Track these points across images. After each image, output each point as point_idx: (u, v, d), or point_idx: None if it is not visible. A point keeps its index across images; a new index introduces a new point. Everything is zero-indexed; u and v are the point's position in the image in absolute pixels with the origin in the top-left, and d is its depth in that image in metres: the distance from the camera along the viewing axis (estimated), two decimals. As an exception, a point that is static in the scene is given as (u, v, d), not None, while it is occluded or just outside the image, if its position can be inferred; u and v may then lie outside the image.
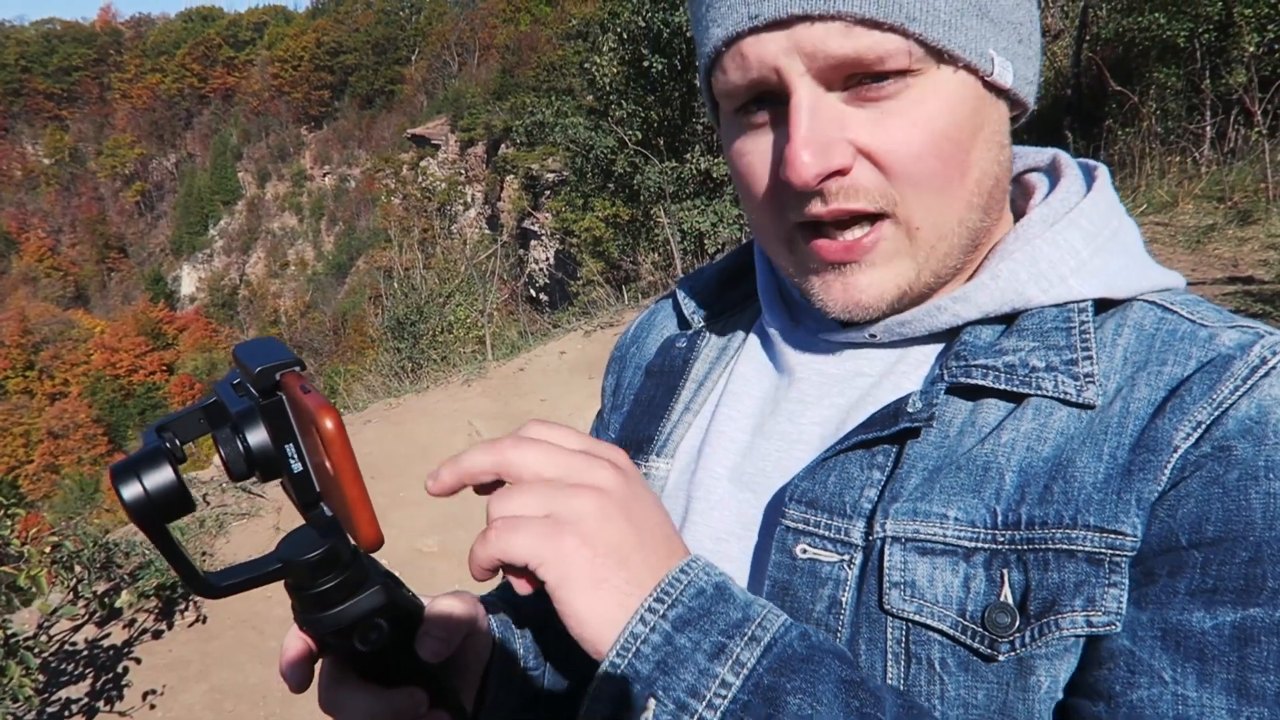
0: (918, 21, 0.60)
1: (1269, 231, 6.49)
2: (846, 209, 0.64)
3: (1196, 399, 0.59)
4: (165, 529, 0.54)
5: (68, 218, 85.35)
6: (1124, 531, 0.58)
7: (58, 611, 4.08)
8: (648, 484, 0.67)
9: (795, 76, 0.62)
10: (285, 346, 0.58)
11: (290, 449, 0.57)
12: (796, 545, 0.67)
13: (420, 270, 12.81)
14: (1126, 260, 0.70)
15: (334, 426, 0.51)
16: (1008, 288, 0.68)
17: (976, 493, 0.62)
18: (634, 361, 0.96)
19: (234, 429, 0.56)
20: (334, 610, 0.58)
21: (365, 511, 0.53)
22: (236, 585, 0.58)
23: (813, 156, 0.61)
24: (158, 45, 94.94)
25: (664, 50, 11.80)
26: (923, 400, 0.65)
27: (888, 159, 0.63)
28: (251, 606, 4.90)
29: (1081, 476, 0.60)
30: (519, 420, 5.99)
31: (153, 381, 63.69)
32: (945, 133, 0.63)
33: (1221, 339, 0.62)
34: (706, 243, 10.81)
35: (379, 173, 61.70)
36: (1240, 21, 8.04)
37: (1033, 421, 0.63)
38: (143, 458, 0.53)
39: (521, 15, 53.22)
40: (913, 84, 0.62)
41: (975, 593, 0.60)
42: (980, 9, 0.63)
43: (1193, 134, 8.74)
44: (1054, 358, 0.64)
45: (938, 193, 0.65)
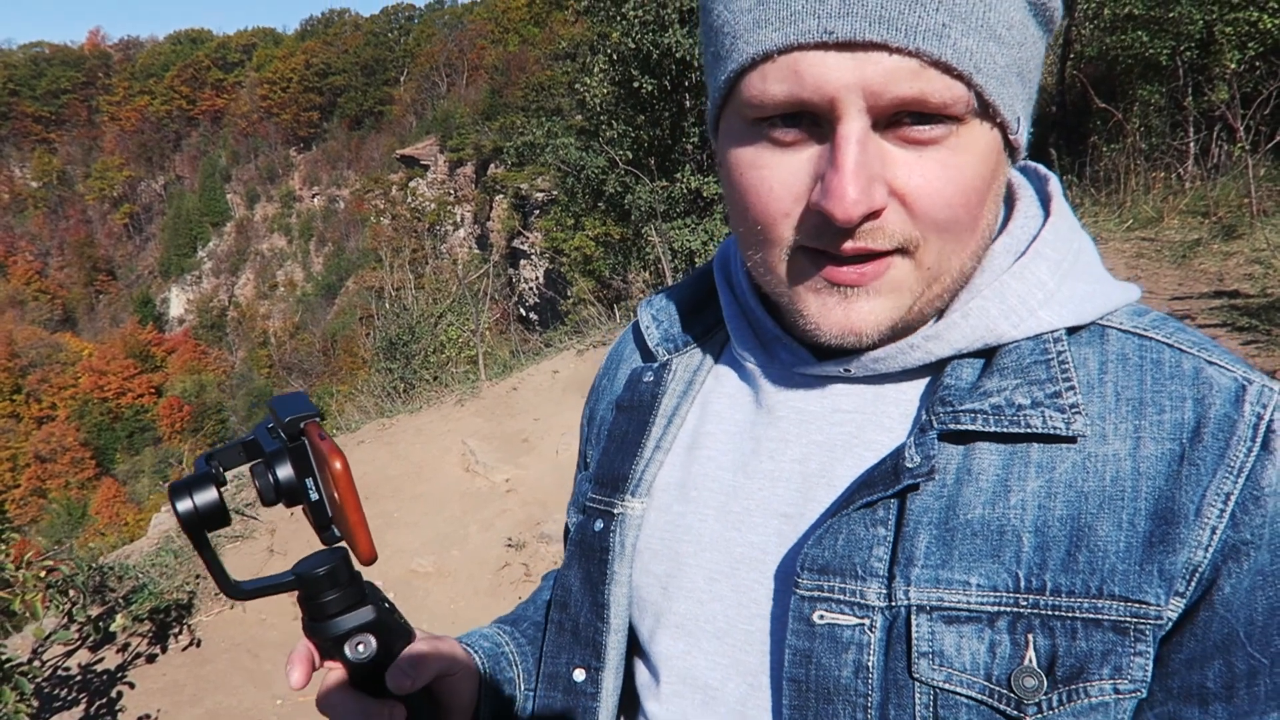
0: (983, 74, 0.60)
1: (1253, 246, 6.56)
2: (869, 249, 0.64)
3: (1211, 467, 0.62)
4: (206, 538, 0.69)
5: (55, 240, 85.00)
6: (1148, 601, 0.61)
7: (51, 636, 4.05)
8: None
9: (850, 109, 0.60)
10: (309, 400, 0.74)
11: (310, 482, 0.72)
12: (814, 612, 0.67)
13: (411, 290, 12.81)
14: (1091, 285, 0.71)
15: (341, 467, 0.66)
16: (979, 324, 0.69)
17: (995, 557, 0.63)
18: (606, 395, 0.96)
19: (266, 465, 0.71)
20: (332, 620, 0.72)
21: (364, 533, 0.68)
22: (258, 591, 0.73)
23: (859, 194, 0.60)
24: (146, 68, 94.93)
25: (654, 71, 11.88)
26: (920, 454, 0.65)
27: (920, 204, 0.62)
28: (246, 630, 4.87)
29: (1105, 545, 0.62)
30: (513, 440, 5.97)
31: (141, 404, 63.29)
32: (973, 184, 0.63)
33: (1206, 376, 0.65)
34: (697, 261, 10.84)
35: (368, 193, 61.70)
36: (1221, 39, 8.16)
37: (1038, 480, 0.64)
38: (195, 480, 0.69)
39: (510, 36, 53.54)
40: (956, 132, 0.62)
41: (1000, 657, 0.62)
42: (1020, 70, 0.64)
43: (1177, 150, 8.84)
44: (1038, 392, 0.65)
45: (955, 240, 0.65)
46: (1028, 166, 0.80)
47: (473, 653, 0.90)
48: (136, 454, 59.58)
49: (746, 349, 0.81)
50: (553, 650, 0.87)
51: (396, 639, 0.76)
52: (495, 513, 5.72)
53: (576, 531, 0.87)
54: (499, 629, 0.99)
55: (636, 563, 0.82)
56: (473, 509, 5.81)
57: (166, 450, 56.30)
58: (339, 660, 0.74)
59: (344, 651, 0.72)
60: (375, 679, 0.74)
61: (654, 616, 0.80)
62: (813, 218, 0.63)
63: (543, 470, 6.10)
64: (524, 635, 0.99)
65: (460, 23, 71.22)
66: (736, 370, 0.84)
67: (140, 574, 5.10)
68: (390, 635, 0.75)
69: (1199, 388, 0.64)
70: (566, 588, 0.86)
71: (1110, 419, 0.65)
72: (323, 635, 0.73)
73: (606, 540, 0.83)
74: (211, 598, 5.07)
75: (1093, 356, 0.68)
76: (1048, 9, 0.65)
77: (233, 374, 68.34)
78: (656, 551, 0.81)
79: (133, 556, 5.61)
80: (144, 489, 47.54)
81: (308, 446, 0.71)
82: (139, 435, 61.76)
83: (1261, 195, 7.29)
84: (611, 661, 0.82)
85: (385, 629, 0.74)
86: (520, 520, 5.56)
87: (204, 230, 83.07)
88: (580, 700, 0.83)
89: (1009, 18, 0.61)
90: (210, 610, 5.00)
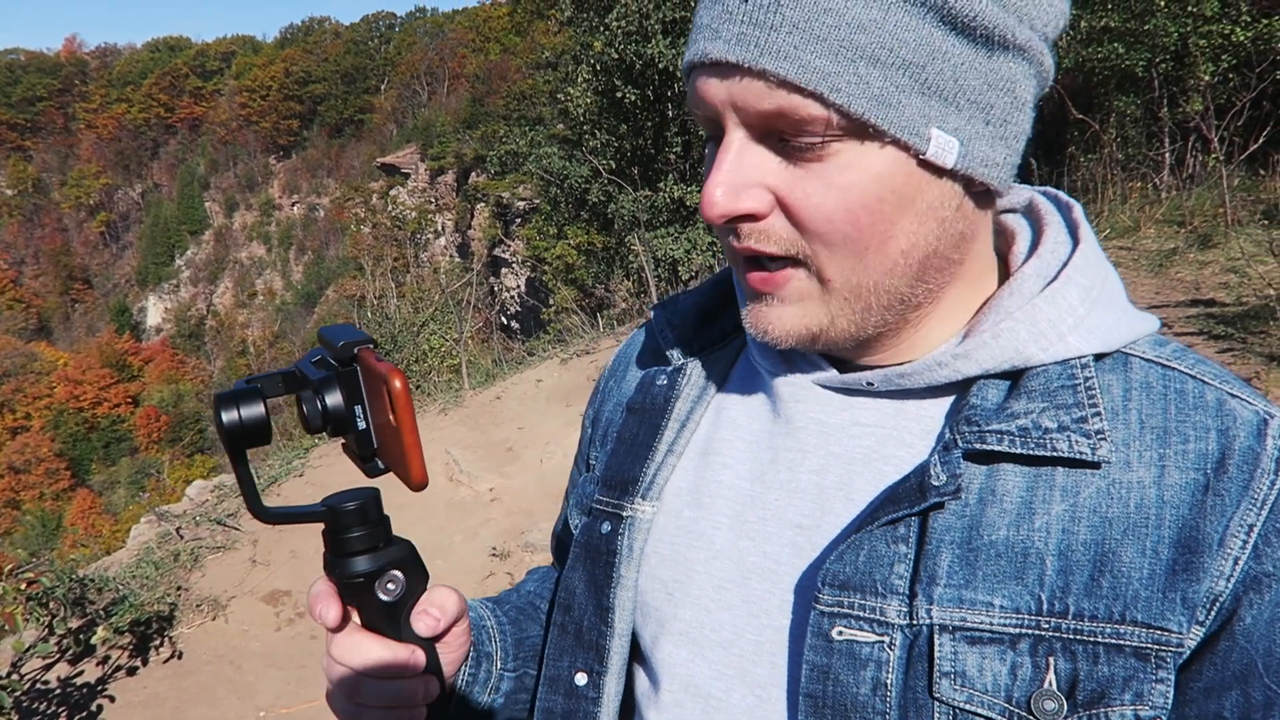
0: (841, 93, 0.60)
1: (1228, 255, 6.66)
2: (756, 249, 0.67)
3: (1235, 499, 0.63)
4: (245, 454, 0.67)
5: (30, 249, 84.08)
6: (1170, 629, 0.61)
7: (31, 649, 4.01)
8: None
9: (729, 122, 0.65)
10: (360, 330, 0.71)
11: (358, 410, 0.70)
12: (833, 628, 0.67)
13: (393, 299, 12.76)
14: (1117, 313, 0.72)
15: (401, 386, 0.64)
16: (1008, 346, 0.69)
17: (1019, 579, 0.64)
18: (614, 396, 0.96)
19: (315, 391, 0.69)
20: (362, 556, 0.71)
21: (418, 456, 0.65)
22: (285, 517, 0.70)
23: (723, 197, 0.65)
24: (124, 75, 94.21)
25: (637, 81, 11.93)
26: (946, 472, 0.66)
27: (800, 215, 0.65)
28: (228, 642, 4.83)
29: (1128, 572, 0.63)
30: (497, 449, 5.94)
31: (118, 414, 62.59)
32: (862, 202, 0.63)
33: (1229, 408, 0.66)
34: (681, 270, 10.88)
35: (348, 202, 61.38)
36: (1195, 52, 8.28)
37: (1062, 504, 0.65)
38: (242, 393, 0.66)
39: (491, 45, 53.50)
40: (837, 150, 0.62)
41: (1021, 679, 0.63)
42: (924, 86, 0.62)
43: (1153, 160, 8.96)
44: (1064, 417, 0.66)
45: (851, 255, 0.65)
46: (1048, 192, 0.81)
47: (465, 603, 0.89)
48: (113, 464, 58.88)
49: (765, 357, 0.81)
50: (555, 653, 0.86)
51: (418, 580, 0.75)
52: (479, 522, 5.71)
53: (582, 533, 0.86)
54: (482, 603, 0.98)
55: (644, 567, 0.82)
56: (457, 519, 5.79)
57: (143, 460, 55.69)
58: (356, 603, 0.73)
59: (373, 590, 0.71)
60: (395, 621, 0.74)
61: (657, 623, 0.80)
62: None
63: (527, 479, 6.09)
64: (505, 615, 0.98)
65: (441, 31, 71.16)
66: (753, 378, 0.84)
67: (120, 586, 5.04)
68: (415, 575, 0.74)
69: (1223, 419, 0.65)
70: (570, 590, 0.86)
71: (1135, 446, 0.66)
72: (350, 571, 0.71)
73: (614, 543, 0.82)
74: (193, 610, 5.03)
75: (1117, 383, 0.69)
76: (975, 28, 0.61)
77: (211, 383, 67.65)
78: (665, 557, 0.81)
79: (112, 568, 5.54)
80: (120, 500, 47.00)
81: (359, 374, 0.69)
82: (115, 445, 61.06)
83: (1236, 205, 7.40)
84: (614, 666, 0.82)
85: (413, 568, 0.74)
86: (505, 529, 5.55)
87: (182, 239, 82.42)
88: (581, 704, 0.83)
89: (896, 38, 0.60)
90: (192, 622, 4.95)
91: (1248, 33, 7.99)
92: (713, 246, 10.87)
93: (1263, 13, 8.07)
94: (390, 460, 0.69)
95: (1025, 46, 0.64)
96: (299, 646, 4.74)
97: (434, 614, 0.75)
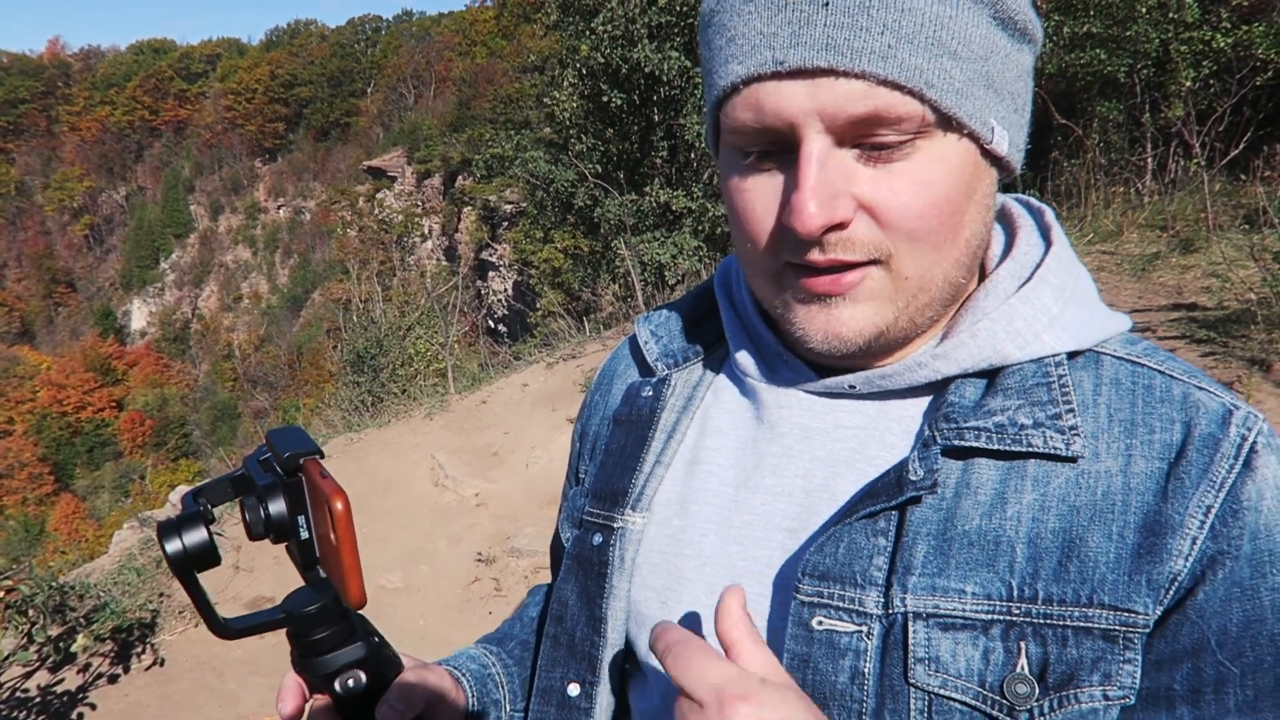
0: (935, 88, 0.62)
1: (1210, 259, 6.70)
2: (841, 260, 0.67)
3: (1195, 481, 0.65)
4: (195, 577, 0.67)
5: (13, 252, 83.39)
6: (1136, 610, 0.64)
7: (10, 657, 3.97)
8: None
9: (809, 131, 0.64)
10: (309, 436, 0.73)
11: (301, 520, 0.71)
12: (813, 618, 0.68)
13: (379, 302, 12.72)
14: (1090, 312, 0.74)
15: (342, 508, 0.65)
16: (986, 345, 0.71)
17: (990, 566, 0.66)
18: (600, 410, 0.96)
19: (259, 498, 0.70)
20: (323, 657, 0.72)
21: (356, 576, 0.67)
22: (247, 629, 0.70)
23: (819, 208, 0.63)
24: (107, 78, 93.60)
25: (623, 86, 11.93)
26: (924, 468, 0.68)
27: (888, 215, 0.65)
28: (210, 649, 4.80)
29: (1095, 556, 0.65)
30: (482, 453, 5.93)
31: (101, 418, 62.12)
32: (946, 195, 0.65)
33: (1195, 399, 0.68)
34: (667, 274, 10.89)
35: (334, 205, 61.22)
36: (1177, 58, 8.34)
37: (1033, 493, 0.67)
38: (184, 519, 0.67)
39: (477, 49, 53.46)
40: (920, 147, 0.64)
41: (994, 664, 0.64)
42: (987, 79, 0.66)
43: (1135, 165, 9.02)
44: (1039, 414, 0.68)
45: (932, 249, 0.67)
46: (1020, 198, 0.83)
47: (460, 676, 0.90)
48: (97, 469, 58.44)
49: (748, 364, 0.83)
50: (547, 664, 0.87)
51: (386, 671, 0.76)
52: (464, 527, 5.69)
53: (574, 545, 0.87)
54: (485, 649, 0.99)
55: (635, 577, 0.83)
56: (442, 524, 5.77)
57: (128, 465, 55.32)
58: (327, 694, 0.74)
59: (333, 687, 0.72)
60: (364, 712, 0.75)
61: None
62: (787, 235, 0.67)
63: (513, 484, 6.08)
64: (510, 655, 1.00)
65: (427, 35, 71.08)
66: (737, 385, 0.85)
67: (102, 592, 5.00)
68: (379, 669, 0.75)
69: (1188, 410, 0.68)
70: (563, 601, 0.87)
71: (1103, 438, 0.68)
72: (312, 670, 0.72)
73: (606, 554, 0.83)
74: (175, 616, 4.99)
75: (1088, 379, 0.71)
76: (1015, 22, 0.67)
77: (196, 387, 67.31)
78: (656, 566, 0.81)
79: (94, 575, 5.50)
80: (104, 505, 46.66)
81: (304, 483, 0.70)
82: (99, 450, 60.59)
83: (1217, 210, 7.45)
84: (606, 677, 0.83)
85: (375, 664, 0.74)
86: (490, 535, 5.54)
87: (166, 242, 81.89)
88: (574, 715, 0.84)
89: (966, 34, 0.63)
90: (174, 629, 4.92)
91: (1228, 39, 8.06)
92: (699, 251, 10.89)
93: (1242, 19, 8.14)
94: (330, 573, 0.70)
95: (1037, 40, 0.70)
96: (282, 654, 4.70)
97: (396, 708, 0.75)
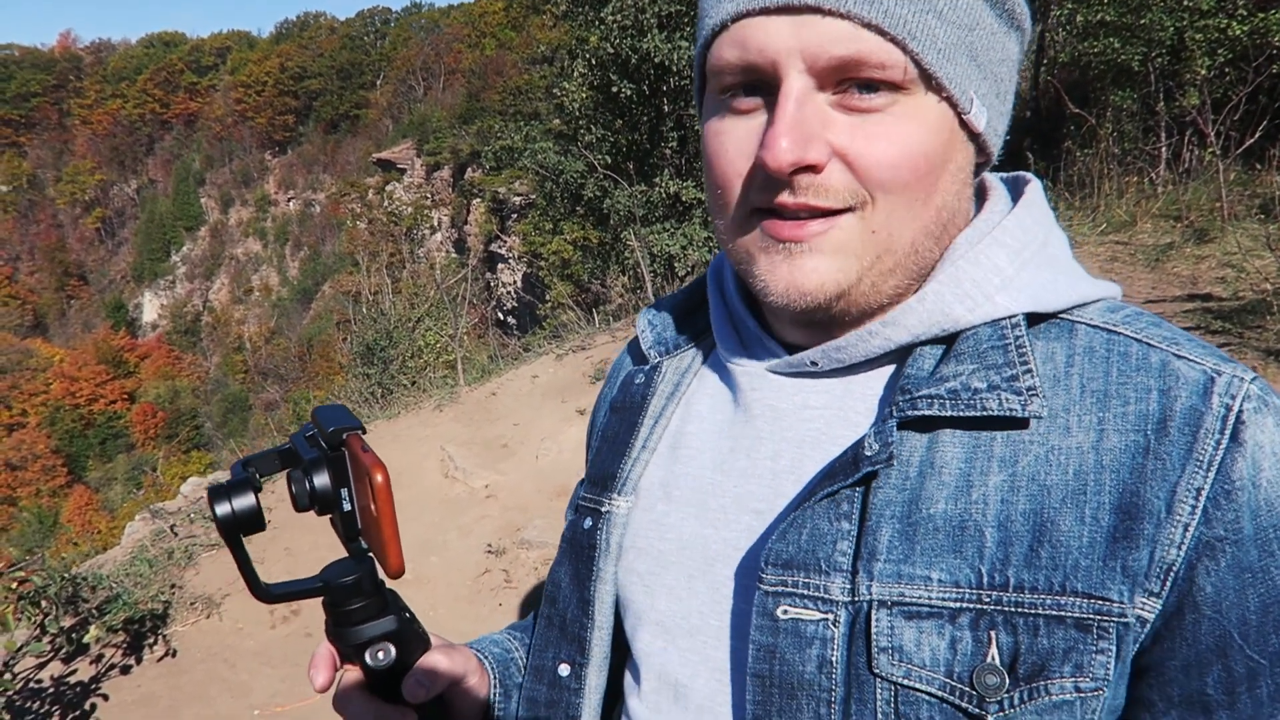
0: (919, 41, 0.63)
1: (1224, 250, 6.65)
2: (812, 204, 0.66)
3: (1179, 461, 0.61)
4: (241, 541, 0.70)
5: (26, 245, 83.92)
6: (1110, 598, 0.60)
7: (23, 649, 3.99)
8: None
9: (791, 70, 0.64)
10: (351, 413, 0.75)
11: (344, 492, 0.73)
12: (778, 607, 0.67)
13: (389, 295, 12.73)
14: (1054, 274, 0.71)
15: (382, 480, 0.67)
16: (934, 309, 0.69)
17: (958, 552, 0.63)
18: (605, 403, 0.98)
19: (304, 471, 0.73)
20: (356, 628, 0.74)
21: (396, 546, 0.69)
22: (286, 595, 0.73)
23: (791, 144, 0.63)
24: (118, 71, 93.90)
25: (632, 76, 11.89)
26: (879, 441, 0.66)
27: (862, 162, 0.65)
28: (222, 640, 4.82)
29: (1068, 541, 0.61)
30: (492, 445, 5.94)
31: (114, 410, 62.49)
32: (923, 152, 0.65)
33: (1173, 368, 0.64)
34: (677, 265, 10.86)
35: (344, 197, 61.32)
36: (1192, 46, 8.26)
37: (1000, 474, 0.64)
38: (234, 484, 0.70)
39: (486, 40, 53.40)
40: (900, 101, 0.64)
41: (962, 654, 0.62)
42: (971, 50, 0.66)
43: (1149, 155, 8.94)
44: (994, 376, 0.65)
45: (904, 206, 0.66)
46: (1013, 176, 0.81)
47: (483, 659, 0.93)
48: (109, 461, 58.83)
49: (729, 349, 0.83)
50: (540, 644, 0.89)
51: (415, 648, 0.79)
52: (474, 519, 5.69)
53: (568, 529, 0.89)
54: (510, 635, 1.02)
55: (622, 561, 0.84)
56: (451, 515, 5.77)
57: (140, 457, 55.60)
58: (358, 665, 0.77)
59: (364, 658, 0.75)
60: (392, 685, 0.77)
61: (636, 615, 0.82)
62: (758, 175, 0.67)
63: (522, 476, 6.08)
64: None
65: (436, 26, 71.01)
66: (720, 371, 0.85)
67: (114, 584, 5.02)
68: (409, 644, 0.78)
69: (1165, 379, 0.64)
70: (556, 583, 0.88)
71: (1074, 411, 0.65)
72: (345, 640, 0.75)
73: (594, 538, 0.85)
74: (187, 607, 5.01)
75: (1060, 351, 0.68)
76: (1004, 3, 0.68)
77: (207, 380, 67.63)
78: (641, 550, 0.82)
79: (106, 566, 5.53)
80: (117, 496, 46.94)
81: (347, 458, 0.73)
82: (112, 442, 60.98)
83: (1232, 199, 7.39)
84: (595, 658, 0.84)
85: (405, 639, 0.77)
86: (500, 526, 5.53)
87: (177, 235, 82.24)
88: (564, 695, 0.85)
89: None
90: (186, 620, 4.93)
91: (1244, 27, 7.97)
92: (709, 242, 10.85)
93: (1259, 7, 8.05)
94: (371, 544, 0.72)
95: (1025, 30, 0.70)
96: (293, 645, 4.73)
97: (422, 682, 0.78)
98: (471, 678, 0.87)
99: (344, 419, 0.74)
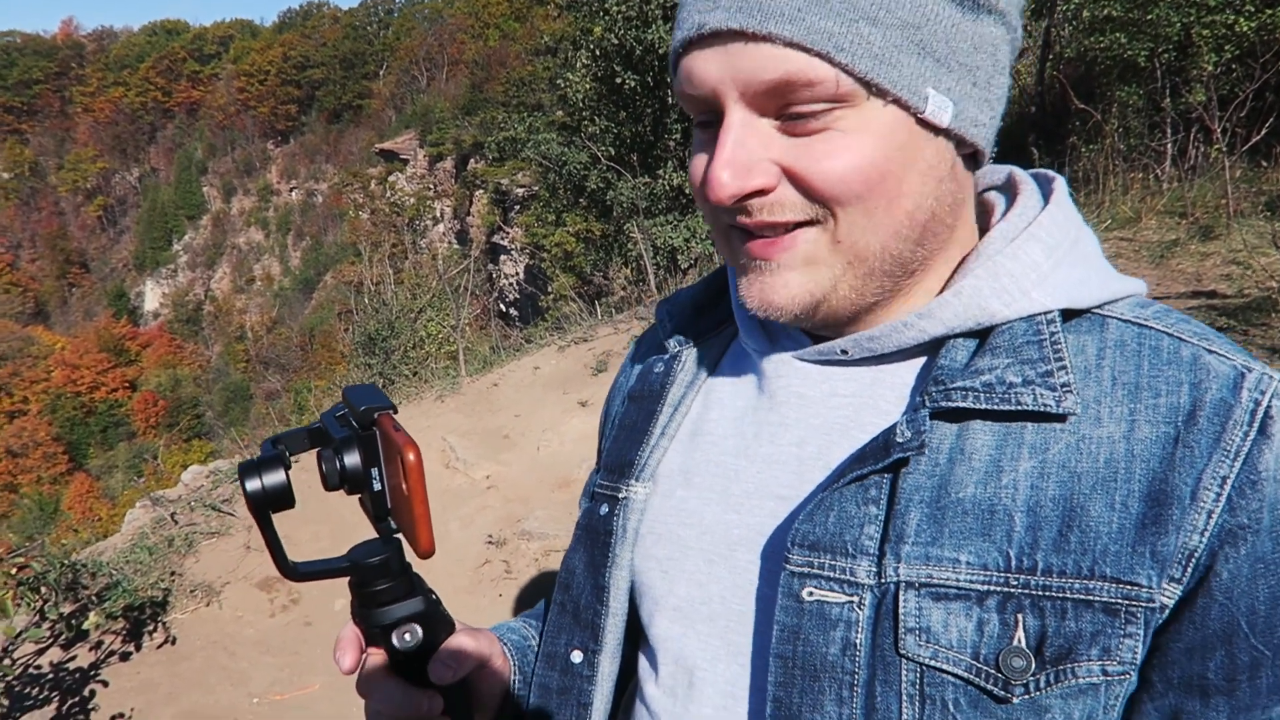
0: (847, 52, 0.61)
1: (1230, 247, 6.63)
2: (769, 221, 0.67)
3: (1207, 450, 0.62)
4: (270, 517, 0.70)
5: (27, 233, 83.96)
6: (1139, 583, 0.61)
7: (22, 634, 3.99)
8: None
9: (729, 100, 0.65)
10: (383, 393, 0.75)
11: (374, 472, 0.73)
12: (803, 589, 0.67)
13: (391, 285, 12.72)
14: (1086, 270, 0.72)
15: (414, 459, 0.66)
16: (970, 303, 0.69)
17: (986, 535, 0.63)
18: (621, 392, 0.99)
19: (335, 450, 0.73)
20: (382, 609, 0.74)
21: (426, 526, 0.68)
22: (313, 574, 0.73)
23: (731, 177, 0.65)
24: (120, 59, 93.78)
25: (636, 67, 11.86)
26: (911, 429, 0.66)
27: (810, 180, 0.65)
28: (222, 628, 4.82)
29: (1096, 526, 0.62)
30: (493, 436, 5.93)
31: (115, 399, 62.61)
32: (872, 162, 0.64)
33: (1204, 362, 0.65)
34: (680, 258, 10.85)
35: (346, 187, 61.22)
36: (1199, 42, 8.23)
37: (1030, 460, 0.65)
38: (264, 461, 0.69)
39: (490, 31, 53.23)
40: (842, 115, 0.64)
41: (989, 636, 0.62)
42: (920, 46, 0.64)
43: (1154, 151, 8.92)
44: (1029, 371, 0.66)
45: (864, 215, 0.66)
46: (1039, 172, 0.82)
47: (503, 645, 0.93)
48: (110, 449, 58.95)
49: (752, 337, 0.83)
50: (553, 630, 0.88)
51: (441, 630, 0.79)
52: (475, 509, 5.69)
53: (584, 516, 0.89)
54: (525, 622, 1.02)
55: (639, 547, 0.84)
56: (452, 506, 5.77)
57: (141, 445, 55.71)
58: (383, 647, 0.76)
59: (390, 639, 0.75)
60: (417, 668, 0.77)
61: (653, 600, 0.82)
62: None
63: (524, 467, 6.07)
64: None
65: (440, 16, 70.85)
66: (742, 359, 0.85)
67: (114, 570, 5.02)
68: (436, 626, 0.78)
69: (1196, 373, 0.64)
70: (570, 570, 0.88)
71: (1106, 403, 0.65)
72: (371, 622, 0.75)
73: (610, 524, 0.84)
74: (187, 595, 5.01)
75: (1091, 344, 0.68)
76: None
77: (209, 368, 67.72)
78: (660, 536, 0.82)
79: (106, 553, 5.53)
80: (118, 484, 47.06)
81: (378, 438, 0.73)
82: (113, 430, 61.11)
83: (1238, 196, 7.37)
84: (609, 645, 0.84)
85: (432, 620, 0.77)
86: (501, 517, 5.53)
87: (179, 223, 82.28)
88: (576, 681, 0.85)
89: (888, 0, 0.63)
90: (185, 608, 4.93)
91: (1251, 23, 7.94)
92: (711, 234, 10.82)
93: (1266, 3, 8.02)
94: (401, 524, 0.72)
95: (1005, 12, 0.68)
96: (293, 633, 4.73)
97: (449, 664, 0.78)
98: (495, 660, 0.88)
99: (376, 398, 0.74)
